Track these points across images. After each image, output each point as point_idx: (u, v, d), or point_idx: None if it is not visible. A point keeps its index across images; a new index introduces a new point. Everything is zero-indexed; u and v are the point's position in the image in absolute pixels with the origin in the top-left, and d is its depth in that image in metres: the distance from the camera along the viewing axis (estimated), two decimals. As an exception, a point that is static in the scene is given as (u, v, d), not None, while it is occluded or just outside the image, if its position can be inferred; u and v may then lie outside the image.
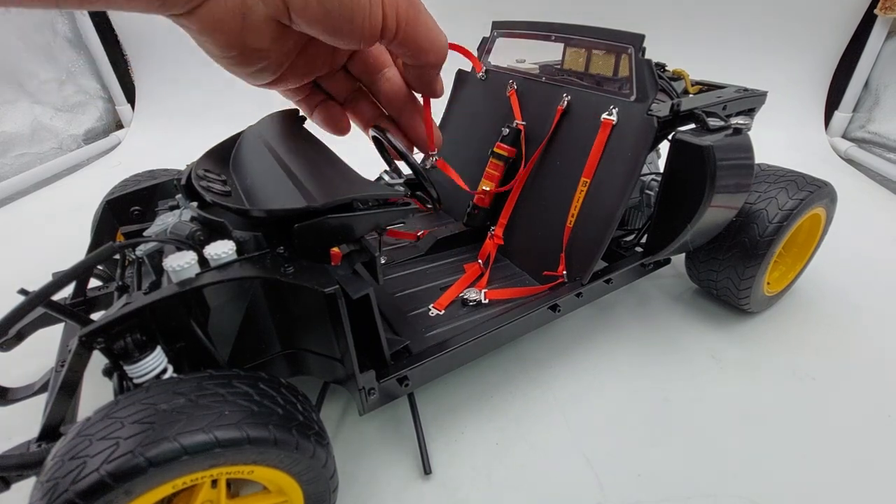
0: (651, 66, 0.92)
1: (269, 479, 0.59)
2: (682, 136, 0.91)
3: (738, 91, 1.10)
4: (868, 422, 0.93)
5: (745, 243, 1.01)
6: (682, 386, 1.00)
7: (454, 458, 0.86)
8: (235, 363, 0.68)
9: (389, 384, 0.76)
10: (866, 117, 2.21)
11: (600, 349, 1.09)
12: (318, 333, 0.69)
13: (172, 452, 0.48)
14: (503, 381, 1.01)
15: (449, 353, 0.82)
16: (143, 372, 0.58)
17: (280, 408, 0.58)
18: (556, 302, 0.92)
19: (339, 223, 0.69)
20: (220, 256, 0.63)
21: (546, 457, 0.86)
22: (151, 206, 0.93)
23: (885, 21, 2.06)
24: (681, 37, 2.27)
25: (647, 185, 1.19)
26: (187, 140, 2.33)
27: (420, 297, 1.00)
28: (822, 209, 1.09)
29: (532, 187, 1.10)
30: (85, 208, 1.18)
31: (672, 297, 1.26)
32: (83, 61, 2.38)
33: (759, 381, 1.01)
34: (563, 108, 1.05)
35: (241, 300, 0.64)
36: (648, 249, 1.04)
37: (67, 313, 0.67)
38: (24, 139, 2.07)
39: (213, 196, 0.71)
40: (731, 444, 0.88)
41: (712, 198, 0.89)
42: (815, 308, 1.22)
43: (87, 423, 0.51)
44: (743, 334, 1.13)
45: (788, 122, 2.29)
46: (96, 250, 0.61)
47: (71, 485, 0.46)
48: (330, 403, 0.95)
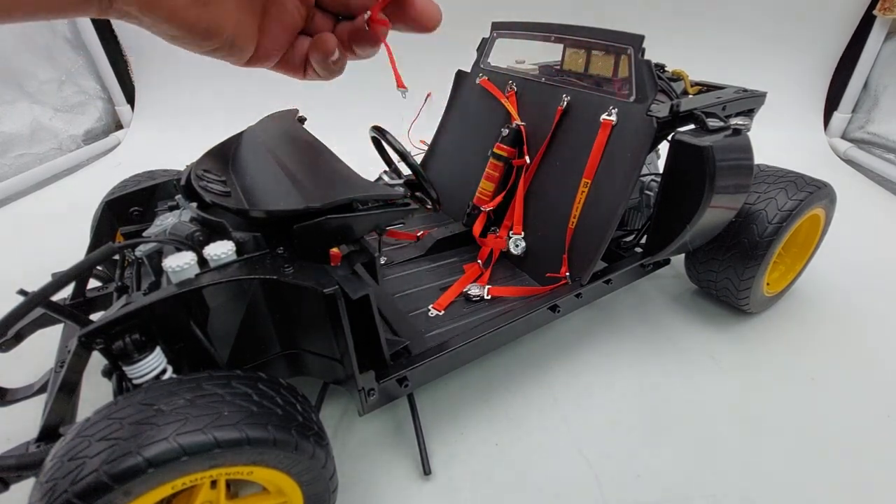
0: (650, 66, 0.92)
1: (268, 479, 0.59)
2: (681, 136, 0.91)
3: (738, 92, 1.10)
4: (868, 422, 0.93)
5: (745, 244, 1.01)
6: (681, 386, 1.00)
7: (454, 458, 0.86)
8: (235, 364, 0.68)
9: (389, 385, 0.76)
10: (865, 118, 2.22)
11: (600, 350, 1.09)
12: (317, 334, 0.69)
13: (172, 453, 0.48)
14: (503, 381, 1.01)
15: (448, 353, 0.82)
16: (143, 373, 0.58)
17: (279, 408, 0.58)
18: (555, 302, 0.92)
19: (339, 224, 0.69)
20: (219, 257, 0.63)
21: (546, 457, 0.86)
22: (151, 207, 0.93)
23: (884, 22, 2.06)
24: (680, 37, 2.27)
25: (646, 185, 1.19)
26: (187, 140, 2.33)
27: (420, 297, 1.00)
28: (821, 210, 1.09)
29: (533, 188, 1.10)
30: (84, 209, 1.18)
31: (671, 297, 1.26)
32: (83, 62, 2.38)
33: (759, 381, 1.01)
34: (562, 109, 1.05)
35: (240, 301, 0.64)
36: (648, 250, 1.05)
37: (67, 314, 0.67)
38: (24, 140, 2.07)
39: (212, 196, 0.71)
40: (731, 444, 0.88)
41: (712, 198, 0.89)
42: (815, 308, 1.22)
43: (86, 423, 0.51)
44: (742, 335, 1.13)
45: (788, 122, 2.29)
46: (96, 251, 0.61)
47: (70, 485, 0.46)
48: (330, 404, 0.95)
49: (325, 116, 2.19)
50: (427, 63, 2.38)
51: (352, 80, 2.75)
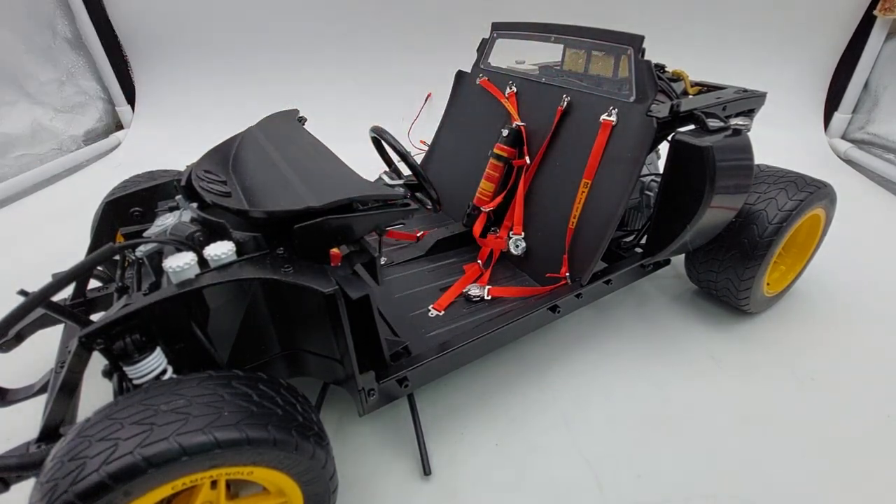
0: (650, 66, 0.92)
1: (268, 479, 0.59)
2: (681, 136, 0.91)
3: (738, 92, 1.10)
4: (868, 422, 0.93)
5: (745, 244, 1.01)
6: (681, 386, 1.00)
7: (454, 458, 0.86)
8: (235, 364, 0.68)
9: (389, 385, 0.76)
10: (865, 118, 2.21)
11: (600, 350, 1.09)
12: (317, 334, 0.69)
13: (172, 453, 0.48)
14: (503, 381, 1.01)
15: (448, 353, 0.82)
16: (143, 373, 0.58)
17: (280, 409, 0.58)
18: (555, 303, 0.93)
19: (339, 224, 0.69)
20: (219, 257, 0.63)
21: (546, 457, 0.86)
22: (151, 207, 0.93)
23: (884, 22, 2.06)
24: (680, 38, 2.27)
25: (646, 185, 1.19)
26: (187, 141, 2.33)
27: (420, 297, 1.00)
28: (821, 210, 1.09)
29: (533, 189, 1.10)
30: (85, 209, 1.18)
31: (672, 297, 1.26)
32: (83, 62, 2.38)
33: (759, 381, 1.01)
34: (562, 110, 1.05)
35: (240, 301, 0.64)
36: (648, 250, 1.05)
37: (67, 314, 0.67)
38: (24, 140, 2.07)
39: (212, 197, 0.71)
40: (730, 444, 0.88)
41: (712, 199, 0.89)
42: (815, 308, 1.22)
43: (86, 423, 0.51)
44: (742, 335, 1.13)
45: (788, 122, 2.29)
46: (96, 251, 0.61)
47: (70, 486, 0.46)
48: (330, 404, 0.95)
49: (325, 117, 2.19)
50: (427, 63, 2.39)
51: (352, 80, 2.76)
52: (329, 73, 2.46)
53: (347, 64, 2.45)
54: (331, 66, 2.45)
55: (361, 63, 2.45)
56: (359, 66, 2.45)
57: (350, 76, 2.47)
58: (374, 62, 2.44)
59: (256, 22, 2.34)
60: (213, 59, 2.44)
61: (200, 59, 2.44)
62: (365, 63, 2.44)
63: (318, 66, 2.45)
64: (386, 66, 2.44)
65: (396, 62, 2.43)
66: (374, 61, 2.44)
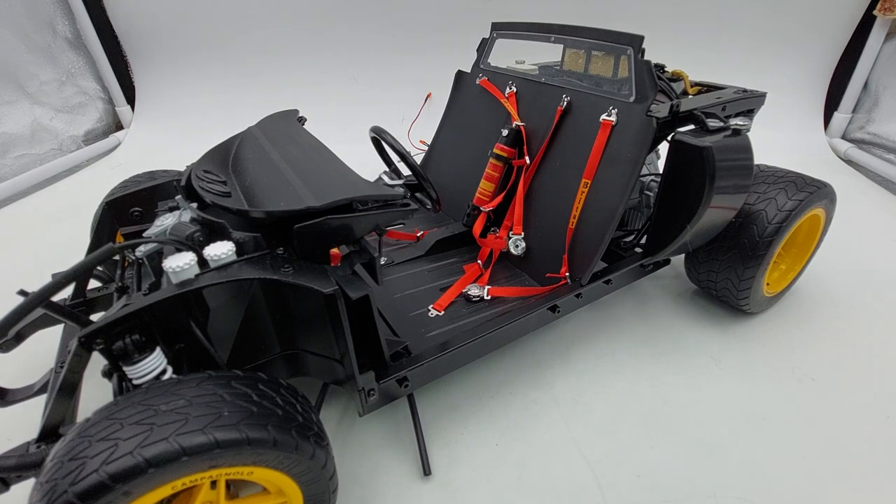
0: (650, 67, 0.92)
1: (268, 480, 0.59)
2: (681, 136, 0.91)
3: (738, 92, 1.10)
4: (867, 422, 0.93)
5: (745, 244, 1.01)
6: (681, 386, 1.00)
7: (454, 459, 0.86)
8: (235, 364, 0.68)
9: (389, 385, 0.76)
10: (865, 118, 2.21)
11: (600, 350, 1.09)
12: (317, 334, 0.69)
13: (171, 453, 0.48)
14: (503, 381, 1.01)
15: (448, 354, 0.82)
16: (143, 373, 0.58)
17: (279, 409, 0.58)
18: (555, 303, 0.93)
19: (339, 224, 0.69)
20: (219, 257, 0.63)
21: (545, 458, 0.86)
22: (151, 208, 0.93)
23: (884, 22, 2.06)
24: (680, 38, 2.27)
25: (646, 185, 1.19)
26: (187, 141, 2.33)
27: (420, 297, 1.00)
28: (821, 210, 1.09)
29: (533, 189, 1.10)
30: (84, 209, 1.18)
31: (671, 297, 1.26)
32: (83, 62, 2.38)
33: (759, 381, 1.01)
34: (562, 110, 1.05)
35: (240, 301, 0.64)
36: (648, 250, 1.05)
37: (67, 314, 0.67)
38: (24, 140, 2.07)
39: (212, 197, 0.71)
40: (730, 444, 0.88)
41: (711, 199, 0.89)
42: (815, 308, 1.22)
43: (86, 424, 0.51)
44: (742, 335, 1.13)
45: (788, 122, 2.29)
46: (96, 251, 0.61)
47: (70, 486, 0.46)
48: (330, 404, 0.95)
49: (324, 117, 2.19)
50: (427, 63, 2.39)
51: (352, 80, 2.76)
52: (329, 73, 2.46)
53: (347, 64, 2.45)
54: (331, 66, 2.45)
55: (361, 63, 2.45)
56: (359, 67, 2.45)
57: (350, 76, 2.47)
58: (373, 62, 2.44)
59: (256, 22, 2.35)
60: (213, 60, 2.44)
61: (200, 60, 2.45)
62: (365, 63, 2.45)
63: (318, 66, 2.45)
64: (386, 67, 2.44)
65: (396, 62, 2.43)
66: (373, 62, 2.44)
